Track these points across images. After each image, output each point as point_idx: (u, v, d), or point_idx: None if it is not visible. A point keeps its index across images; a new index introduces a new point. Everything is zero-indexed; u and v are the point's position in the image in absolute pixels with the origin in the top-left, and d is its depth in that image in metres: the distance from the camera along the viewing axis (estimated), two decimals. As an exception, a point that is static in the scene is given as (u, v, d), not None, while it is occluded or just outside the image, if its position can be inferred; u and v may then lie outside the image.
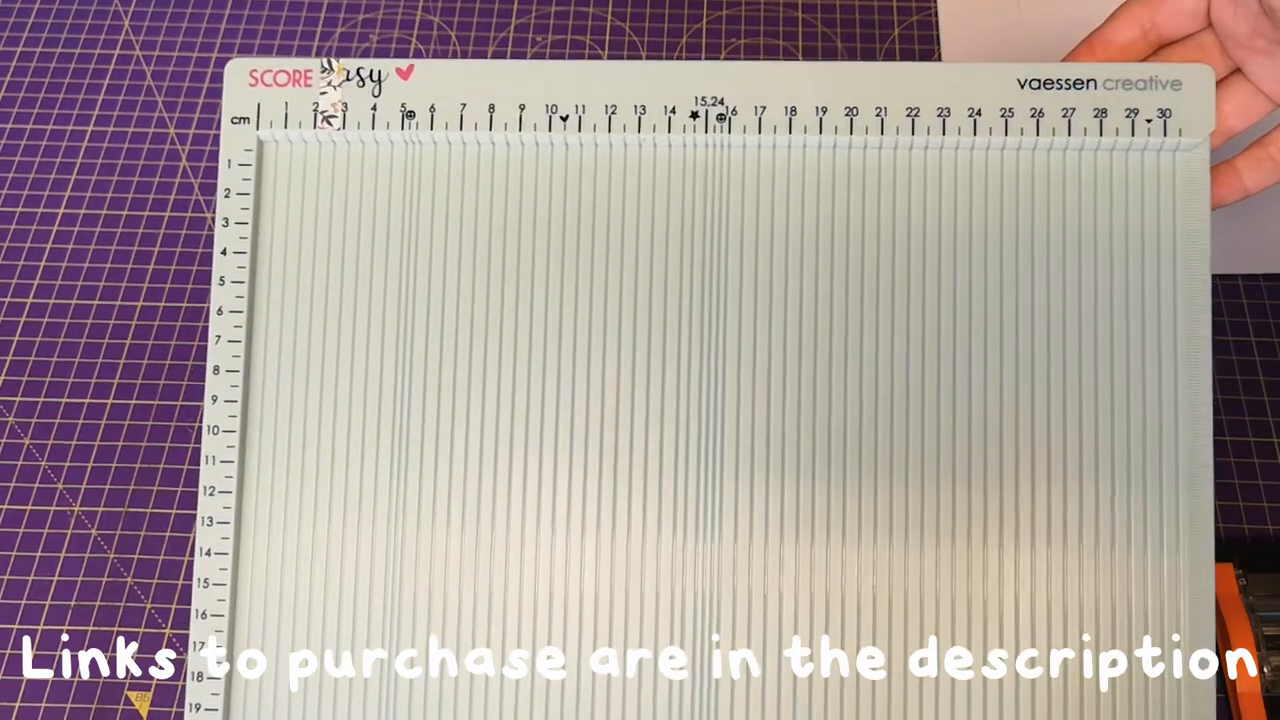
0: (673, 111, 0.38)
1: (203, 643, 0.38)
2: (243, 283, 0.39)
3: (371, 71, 0.38)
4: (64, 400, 0.51)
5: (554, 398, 0.39)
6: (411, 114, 0.38)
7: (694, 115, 0.38)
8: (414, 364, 0.38)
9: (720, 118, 0.38)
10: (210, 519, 0.38)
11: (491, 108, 0.38)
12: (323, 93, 0.38)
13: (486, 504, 0.39)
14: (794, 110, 0.38)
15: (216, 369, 0.38)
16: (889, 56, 0.58)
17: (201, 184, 0.56)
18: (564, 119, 0.38)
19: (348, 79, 0.38)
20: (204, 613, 0.38)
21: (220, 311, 0.39)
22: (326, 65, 0.38)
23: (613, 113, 0.38)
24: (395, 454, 0.38)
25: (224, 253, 0.39)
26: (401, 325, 0.39)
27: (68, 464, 0.50)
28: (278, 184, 0.39)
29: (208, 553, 0.38)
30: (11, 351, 0.52)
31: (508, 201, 0.38)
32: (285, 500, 0.38)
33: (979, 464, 0.38)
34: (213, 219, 0.55)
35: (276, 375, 0.39)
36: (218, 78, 0.59)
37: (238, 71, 0.38)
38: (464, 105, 0.38)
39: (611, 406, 0.39)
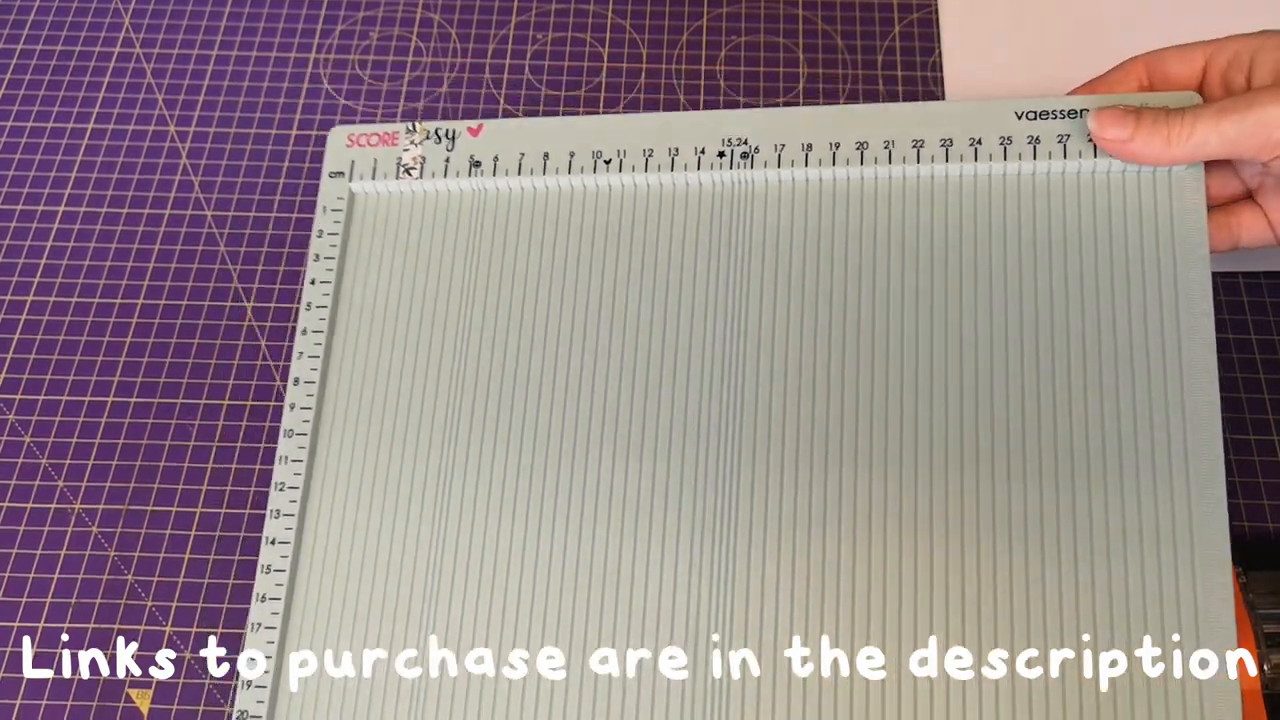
0: (702, 152, 0.43)
1: (259, 624, 0.41)
2: (325, 308, 0.44)
3: (447, 130, 0.45)
4: (64, 398, 0.51)
5: (576, 401, 0.41)
6: (478, 164, 0.44)
7: (720, 154, 0.42)
8: (467, 362, 0.43)
9: (744, 155, 0.42)
10: (278, 511, 0.42)
11: (546, 156, 0.44)
12: (405, 150, 0.45)
13: (507, 505, 0.40)
14: (810, 146, 0.42)
15: (296, 380, 0.43)
16: (889, 54, 0.58)
17: (202, 182, 0.56)
18: (607, 163, 0.43)
19: (427, 138, 0.45)
20: (263, 596, 0.41)
21: (305, 331, 0.44)
22: (411, 128, 0.45)
23: (649, 155, 0.43)
24: (444, 452, 0.42)
25: (313, 282, 0.45)
26: (459, 336, 0.43)
27: (68, 462, 0.50)
28: (364, 225, 0.45)
29: (272, 541, 0.42)
30: (12, 350, 0.52)
31: (557, 233, 0.44)
32: (344, 503, 0.42)
33: (984, 466, 0.38)
34: (212, 217, 0.55)
35: (348, 387, 0.43)
36: (218, 76, 0.59)
37: (338, 136, 0.46)
38: (522, 155, 0.44)
39: (640, 409, 0.41)
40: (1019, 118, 0.41)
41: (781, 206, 0.42)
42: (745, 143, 0.42)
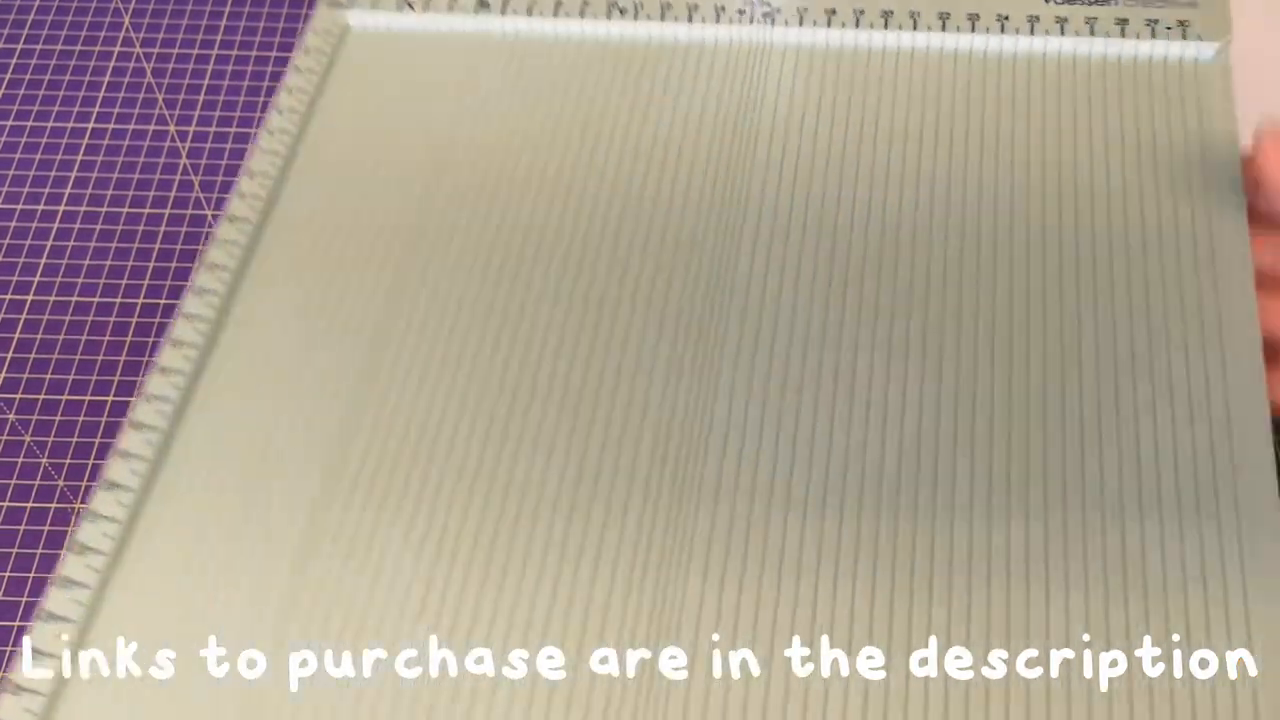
0: (721, 9, 0.42)
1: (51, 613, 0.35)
2: (290, 133, 0.40)
3: None
4: (64, 398, 0.51)
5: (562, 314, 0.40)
6: (486, 4, 0.42)
7: (741, 11, 0.42)
8: (427, 232, 0.41)
9: (765, 15, 0.42)
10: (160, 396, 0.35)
11: (559, 3, 0.42)
12: None
13: (498, 492, 0.39)
14: (833, 11, 0.42)
15: (244, 188, 0.37)
16: (889, 55, 0.58)
17: (202, 181, 0.56)
18: (621, 11, 0.42)
19: None
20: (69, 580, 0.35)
21: (266, 152, 0.40)
22: None
23: (666, 7, 0.42)
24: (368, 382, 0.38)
25: (280, 113, 0.40)
26: (425, 194, 0.41)
27: (68, 461, 0.50)
28: (350, 58, 0.43)
29: (110, 486, 0.33)
30: (12, 349, 0.52)
31: (553, 87, 0.43)
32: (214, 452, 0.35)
33: (985, 463, 0.38)
34: (212, 216, 0.55)
35: (294, 221, 0.40)
36: (218, 76, 0.59)
37: None
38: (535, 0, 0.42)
39: (632, 354, 0.40)
40: (1047, 2, 0.42)
41: (799, 68, 0.43)
42: (768, 3, 0.43)
